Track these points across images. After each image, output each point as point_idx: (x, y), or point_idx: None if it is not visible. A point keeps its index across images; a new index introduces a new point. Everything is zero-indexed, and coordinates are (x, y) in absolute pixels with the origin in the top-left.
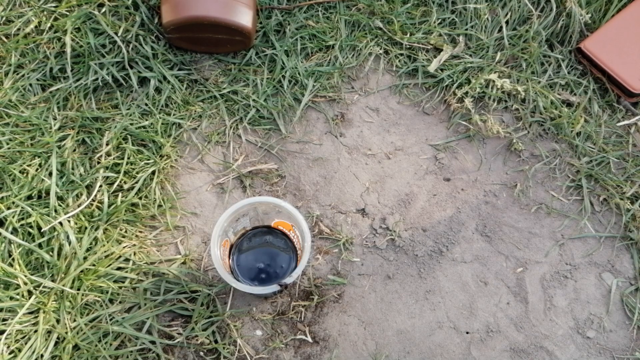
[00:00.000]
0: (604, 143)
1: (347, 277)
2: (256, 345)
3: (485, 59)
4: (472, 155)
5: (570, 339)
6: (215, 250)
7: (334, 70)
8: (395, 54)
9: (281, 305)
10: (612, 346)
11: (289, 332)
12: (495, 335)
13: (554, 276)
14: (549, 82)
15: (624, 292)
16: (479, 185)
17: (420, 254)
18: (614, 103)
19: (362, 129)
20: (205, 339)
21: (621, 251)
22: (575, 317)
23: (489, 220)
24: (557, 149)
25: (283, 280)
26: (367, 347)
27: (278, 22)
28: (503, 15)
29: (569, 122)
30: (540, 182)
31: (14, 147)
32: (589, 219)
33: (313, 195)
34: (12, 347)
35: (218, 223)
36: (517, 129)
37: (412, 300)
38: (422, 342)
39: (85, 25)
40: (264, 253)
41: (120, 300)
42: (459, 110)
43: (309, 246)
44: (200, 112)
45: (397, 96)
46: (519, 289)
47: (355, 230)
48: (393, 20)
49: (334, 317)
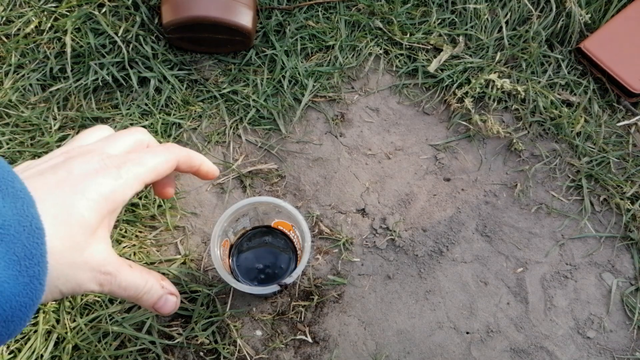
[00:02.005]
0: (604, 143)
1: (347, 277)
2: (256, 346)
3: (485, 59)
4: (472, 155)
5: (571, 339)
6: (215, 251)
7: (334, 70)
8: (395, 54)
9: (281, 305)
10: (613, 346)
11: (289, 332)
12: (496, 335)
13: (554, 276)
14: (549, 82)
15: (624, 292)
16: (479, 185)
17: (421, 254)
18: (614, 103)
19: (362, 129)
20: (205, 339)
21: (621, 251)
22: (576, 317)
23: (489, 220)
24: (557, 149)
25: (283, 281)
26: (367, 347)
27: (278, 22)
28: (503, 15)
29: (569, 122)
30: (540, 182)
31: (14, 147)
32: (589, 219)
33: (313, 195)
34: (12, 347)
35: (218, 223)
36: (517, 129)
37: (412, 300)
38: (422, 342)
39: (86, 26)
40: (263, 253)
41: (120, 300)
42: (459, 110)
43: (309, 246)
44: (200, 112)
45: (397, 96)
46: (519, 289)
47: (355, 230)
48: (393, 20)
49: (334, 317)
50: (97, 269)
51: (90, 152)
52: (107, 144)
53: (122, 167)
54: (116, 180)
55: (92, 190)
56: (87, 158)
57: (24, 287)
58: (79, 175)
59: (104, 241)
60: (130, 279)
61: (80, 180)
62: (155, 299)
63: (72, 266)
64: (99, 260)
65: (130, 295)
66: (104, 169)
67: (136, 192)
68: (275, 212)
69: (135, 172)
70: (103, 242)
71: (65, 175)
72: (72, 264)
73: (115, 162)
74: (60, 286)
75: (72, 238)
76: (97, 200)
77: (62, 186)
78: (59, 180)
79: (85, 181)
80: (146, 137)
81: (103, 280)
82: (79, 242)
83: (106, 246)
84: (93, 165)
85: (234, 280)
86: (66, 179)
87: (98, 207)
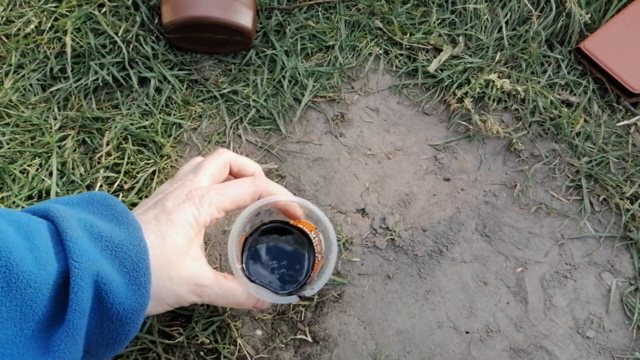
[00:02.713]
0: (604, 143)
1: (347, 277)
2: (256, 345)
3: (485, 59)
4: (471, 155)
5: (570, 338)
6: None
7: (334, 70)
8: (395, 54)
9: (281, 305)
10: (612, 346)
11: (289, 332)
12: (495, 335)
13: (554, 276)
14: (549, 82)
15: (624, 292)
16: (479, 185)
17: (420, 254)
18: (614, 103)
19: (362, 129)
20: (206, 338)
21: (621, 251)
22: (575, 317)
23: (489, 220)
24: (556, 149)
25: (303, 292)
26: (367, 347)
27: (278, 22)
28: (503, 15)
29: (569, 122)
30: (540, 182)
31: (14, 147)
32: (589, 219)
33: (313, 195)
34: None
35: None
36: (517, 129)
37: (412, 300)
38: (422, 341)
39: (86, 26)
40: (279, 252)
41: None
42: (459, 110)
43: (335, 258)
44: (200, 112)
45: (397, 96)
46: (519, 289)
47: (355, 230)
48: (393, 20)
49: (334, 317)
50: (192, 282)
51: (180, 187)
52: (194, 176)
53: (205, 197)
54: (199, 209)
55: (179, 219)
56: (177, 193)
57: (133, 293)
58: (171, 208)
59: (197, 259)
60: (226, 288)
61: (170, 212)
62: (255, 300)
63: (171, 281)
64: (194, 275)
65: (229, 302)
66: (189, 200)
67: (217, 218)
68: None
69: (216, 202)
70: (197, 260)
71: (160, 209)
72: (171, 279)
73: (199, 193)
74: (164, 298)
75: (167, 257)
76: (184, 226)
77: (159, 218)
78: (156, 214)
79: (174, 213)
80: (230, 156)
81: (200, 292)
82: (174, 261)
83: (200, 263)
84: (181, 198)
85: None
86: (161, 212)
87: (184, 231)
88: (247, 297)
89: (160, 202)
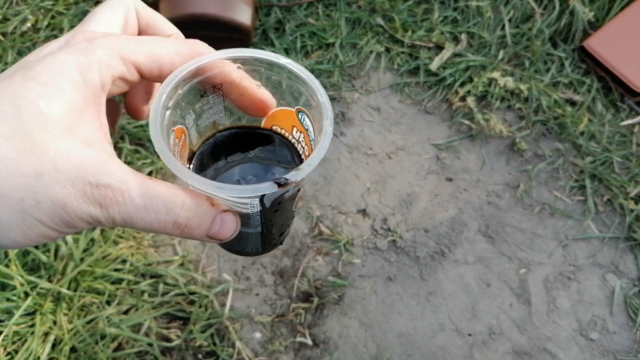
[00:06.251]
0: (608, 142)
1: (348, 279)
2: (255, 348)
3: (488, 57)
4: (474, 155)
5: (574, 340)
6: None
7: (334, 68)
8: (396, 52)
9: (280, 307)
10: (616, 348)
11: (288, 335)
12: (498, 337)
13: (557, 277)
14: (552, 80)
15: (628, 294)
16: (482, 186)
17: (422, 255)
18: (618, 102)
19: (362, 128)
20: (204, 341)
21: (625, 252)
22: (579, 318)
23: (492, 220)
24: (560, 148)
25: (284, 176)
26: (368, 350)
27: (277, 19)
28: (505, 13)
29: (573, 121)
30: (543, 182)
31: None
32: (593, 219)
33: (313, 195)
34: (9, 349)
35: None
36: (520, 128)
37: (414, 302)
38: (424, 344)
39: None
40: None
41: (118, 301)
42: (461, 109)
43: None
44: None
45: (398, 95)
46: (522, 291)
47: (356, 231)
48: (394, 17)
49: (334, 319)
50: (83, 179)
51: (58, 40)
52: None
53: (98, 40)
54: (86, 56)
55: (49, 73)
56: (51, 44)
57: None
58: (36, 59)
59: (93, 144)
60: (154, 193)
61: (34, 65)
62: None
63: (39, 178)
64: (85, 167)
65: (160, 219)
66: (69, 47)
67: (125, 78)
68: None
69: (120, 47)
70: (92, 146)
71: (21, 65)
72: (38, 175)
73: (88, 35)
74: (33, 212)
75: (28, 136)
76: (59, 83)
77: (13, 76)
78: (12, 72)
79: (40, 64)
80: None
81: (101, 197)
82: (40, 143)
83: (97, 150)
84: (57, 45)
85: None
86: (21, 67)
87: (60, 94)
88: (193, 206)
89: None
